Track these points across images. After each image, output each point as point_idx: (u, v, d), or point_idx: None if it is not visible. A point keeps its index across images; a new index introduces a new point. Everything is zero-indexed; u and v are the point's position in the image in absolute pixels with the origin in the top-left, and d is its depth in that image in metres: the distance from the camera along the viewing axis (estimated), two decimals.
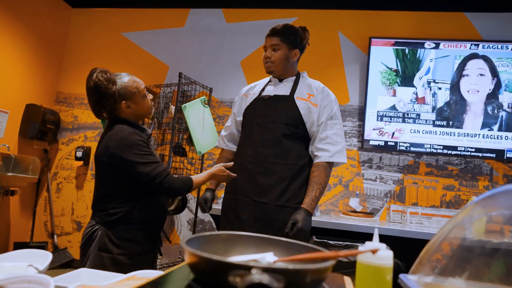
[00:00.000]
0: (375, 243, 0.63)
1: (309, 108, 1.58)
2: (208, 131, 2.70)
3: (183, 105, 2.59)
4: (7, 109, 3.12)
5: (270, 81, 1.75)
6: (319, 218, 2.57)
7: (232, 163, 1.55)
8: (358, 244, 2.08)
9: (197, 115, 2.66)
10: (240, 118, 1.72)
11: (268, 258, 0.56)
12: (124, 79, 1.37)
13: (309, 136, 1.60)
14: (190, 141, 2.77)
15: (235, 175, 1.53)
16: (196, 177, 1.41)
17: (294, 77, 1.70)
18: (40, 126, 3.28)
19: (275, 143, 1.54)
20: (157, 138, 3.25)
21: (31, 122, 3.27)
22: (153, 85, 3.19)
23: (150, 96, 1.46)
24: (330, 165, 1.57)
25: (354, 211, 2.78)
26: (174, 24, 3.59)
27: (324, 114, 1.59)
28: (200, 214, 3.20)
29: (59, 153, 3.59)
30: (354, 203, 2.84)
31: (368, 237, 2.31)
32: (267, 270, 0.42)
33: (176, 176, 1.34)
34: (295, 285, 0.44)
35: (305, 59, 3.31)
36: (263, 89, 1.71)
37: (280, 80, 1.69)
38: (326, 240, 2.09)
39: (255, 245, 0.64)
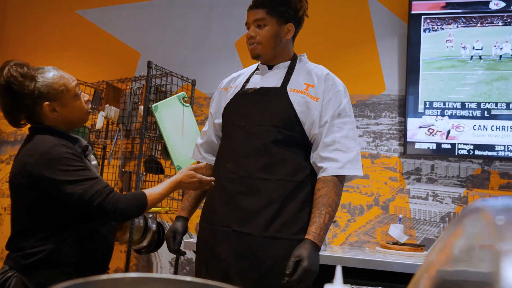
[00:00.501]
0: (337, 286, 0.59)
1: (307, 103, 1.56)
2: (190, 139, 2.69)
3: (153, 105, 2.60)
4: None
5: (257, 69, 1.74)
6: (346, 253, 2.51)
7: (202, 164, 1.58)
8: None
9: (173, 117, 2.67)
10: (219, 120, 1.71)
11: None
12: (48, 74, 1.39)
13: (309, 140, 1.59)
14: (165, 152, 2.78)
15: (212, 179, 1.52)
16: (153, 191, 1.41)
17: (289, 62, 1.69)
18: None
19: (263, 152, 1.53)
20: (125, 150, 3.27)
21: None
22: (118, 80, 3.22)
23: (85, 97, 1.48)
24: (341, 179, 1.54)
25: (397, 243, 2.71)
26: None
27: (329, 110, 1.57)
28: (189, 253, 3.18)
29: None
30: (396, 231, 2.76)
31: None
32: None
33: (123, 194, 1.36)
34: None
35: (324, 35, 3.30)
36: (247, 80, 1.71)
37: (270, 67, 1.68)
38: (351, 286, 2.04)
39: None
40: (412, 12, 2.99)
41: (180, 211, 1.71)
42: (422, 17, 2.98)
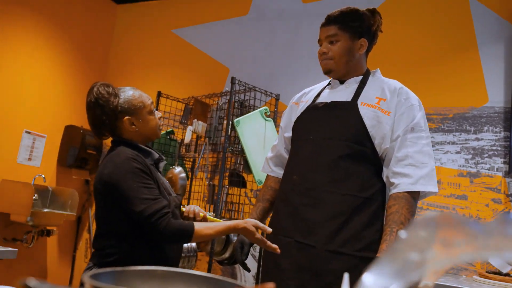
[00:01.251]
0: None
1: (378, 117, 1.61)
2: None
3: (235, 120, 2.79)
4: (44, 133, 3.79)
5: (329, 84, 1.83)
6: (437, 280, 2.43)
7: (270, 229, 1.56)
8: None
9: (255, 131, 2.84)
10: (289, 134, 1.82)
11: None
12: (128, 92, 1.62)
13: (379, 156, 1.62)
14: (247, 166, 2.95)
15: (276, 246, 1.50)
16: (203, 228, 1.49)
17: (361, 77, 1.75)
18: (80, 152, 3.87)
19: (331, 166, 1.59)
20: (211, 163, 3.52)
21: (69, 147, 3.89)
22: (205, 95, 3.49)
23: (158, 114, 1.69)
24: (414, 196, 1.55)
25: (499, 273, 2.56)
26: (235, 12, 3.90)
27: (402, 124, 1.60)
28: None
29: None
30: (497, 260, 2.61)
31: None
32: None
33: (176, 221, 1.48)
34: None
35: (418, 42, 3.24)
36: (318, 95, 1.80)
37: (342, 82, 1.76)
38: None
39: (194, 284, 0.74)
40: None
41: (251, 216, 1.81)
42: None
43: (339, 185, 1.57)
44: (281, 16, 3.72)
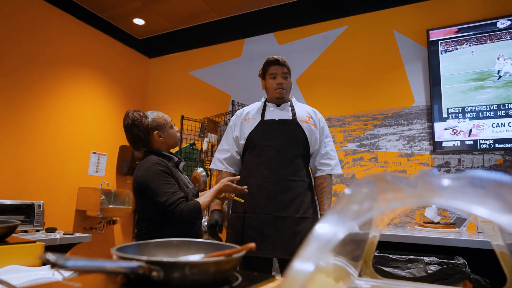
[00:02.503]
0: None
1: (311, 129, 1.77)
2: None
3: None
4: (105, 152, 3.79)
5: (265, 106, 1.84)
6: (391, 231, 2.41)
7: (238, 177, 1.61)
8: (424, 258, 1.89)
9: None
10: (243, 141, 1.79)
11: (193, 258, 0.64)
12: (154, 114, 1.61)
13: (309, 154, 1.80)
14: None
15: (245, 187, 1.56)
16: (203, 199, 1.49)
17: (289, 102, 1.85)
18: (131, 163, 3.86)
19: (290, 163, 1.69)
20: None
21: (124, 161, 3.88)
22: (214, 115, 3.48)
23: (176, 128, 1.67)
24: (332, 176, 1.84)
25: (432, 222, 2.53)
26: (232, 55, 3.91)
27: (323, 133, 1.84)
28: None
29: None
30: (430, 213, 2.58)
31: (447, 250, 2.07)
32: (150, 262, 0.52)
33: (187, 203, 1.44)
34: (197, 275, 0.53)
35: (363, 65, 3.24)
36: (263, 114, 1.80)
37: (278, 105, 1.83)
38: (386, 255, 1.96)
39: (201, 249, 0.72)
40: (430, 39, 2.82)
41: (215, 205, 1.79)
42: (439, 42, 2.79)
43: (296, 175, 1.70)
44: (264, 55, 3.72)
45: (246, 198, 1.66)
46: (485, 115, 2.58)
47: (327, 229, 0.45)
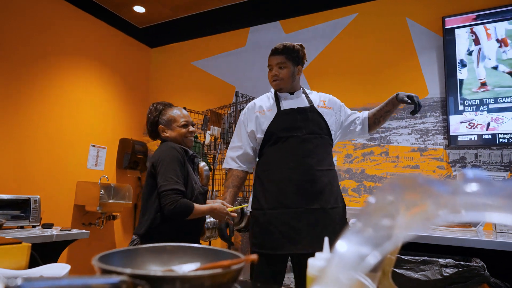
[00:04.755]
0: (325, 254, 0.58)
1: (329, 113, 1.78)
2: None
3: None
4: (104, 145, 3.72)
5: (277, 96, 1.80)
6: None
7: (231, 207, 1.63)
8: (440, 260, 1.79)
9: None
10: (261, 136, 1.73)
11: (186, 268, 0.55)
12: (171, 110, 1.67)
13: (332, 140, 1.77)
14: None
15: (235, 215, 1.60)
16: (199, 207, 1.47)
17: (301, 90, 1.83)
18: (132, 157, 3.79)
19: (315, 152, 1.66)
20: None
21: (124, 154, 3.81)
22: (218, 107, 3.40)
23: (191, 128, 1.64)
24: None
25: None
26: (236, 45, 3.80)
27: (342, 109, 1.89)
28: None
29: None
30: None
31: (463, 251, 1.97)
32: (135, 276, 0.43)
33: (183, 199, 1.42)
34: None
35: (374, 55, 3.12)
36: (278, 104, 1.76)
37: (291, 93, 1.80)
38: (399, 255, 1.87)
39: (198, 256, 0.64)
40: (446, 27, 2.68)
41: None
42: (455, 30, 2.66)
43: (322, 164, 1.66)
44: (270, 44, 3.58)
45: (271, 193, 1.63)
46: (504, 108, 2.45)
47: (352, 253, 0.35)
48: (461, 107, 2.58)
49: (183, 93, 4.08)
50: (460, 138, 2.56)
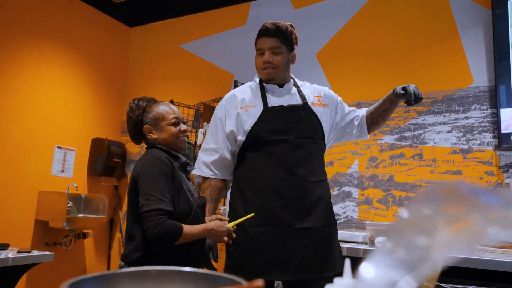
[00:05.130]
0: (346, 279, 0.58)
1: (324, 112, 1.80)
2: None
3: None
4: (73, 147, 3.73)
5: (262, 87, 1.78)
6: None
7: (228, 219, 1.65)
8: None
9: None
10: (243, 138, 1.72)
11: None
12: (158, 106, 1.66)
13: (325, 145, 1.81)
14: None
15: (233, 235, 1.62)
16: (190, 229, 1.47)
17: (292, 82, 1.83)
18: (107, 161, 3.80)
19: (307, 160, 1.69)
20: None
21: (97, 157, 3.82)
22: (212, 100, 3.40)
23: (183, 127, 1.65)
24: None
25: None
26: (234, 23, 3.79)
27: (338, 104, 1.92)
28: None
29: None
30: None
31: None
32: None
33: (170, 221, 1.42)
34: None
35: (404, 34, 3.10)
36: (264, 99, 1.74)
37: (281, 86, 1.79)
38: (437, 283, 1.85)
39: (190, 282, 0.63)
40: None
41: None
42: (509, 1, 2.63)
43: (315, 174, 1.70)
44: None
45: (256, 208, 1.63)
46: None
47: (380, 278, 0.33)
48: None
49: (170, 83, 4.08)
50: None
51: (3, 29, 3.23)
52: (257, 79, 1.82)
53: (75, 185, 3.52)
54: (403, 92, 1.73)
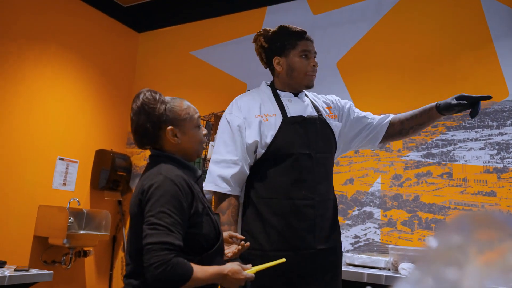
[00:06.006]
0: None
1: (337, 125, 1.82)
2: None
3: None
4: (76, 158, 3.77)
5: (276, 95, 1.78)
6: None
7: (249, 265, 1.42)
8: None
9: None
10: (263, 150, 1.67)
11: None
12: (176, 101, 1.47)
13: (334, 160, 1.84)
14: None
15: (253, 276, 1.39)
16: (201, 272, 1.27)
17: (304, 92, 1.86)
18: (111, 175, 3.83)
19: (326, 176, 1.73)
20: None
21: (101, 170, 3.85)
22: (224, 111, 3.40)
23: (204, 131, 1.51)
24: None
25: None
26: (249, 29, 3.82)
27: (347, 111, 1.89)
28: None
29: None
30: None
31: None
32: None
33: (179, 259, 1.24)
34: None
35: (432, 43, 3.08)
36: (282, 108, 1.74)
37: (296, 95, 1.81)
38: None
39: None
40: None
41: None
42: None
43: (331, 192, 1.76)
44: None
45: (277, 230, 1.62)
46: None
47: None
48: None
49: (179, 92, 4.09)
50: None
51: (6, 34, 3.31)
52: (264, 84, 1.84)
53: (77, 199, 3.55)
54: (458, 104, 1.61)
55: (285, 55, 1.76)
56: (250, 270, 1.40)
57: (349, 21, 3.38)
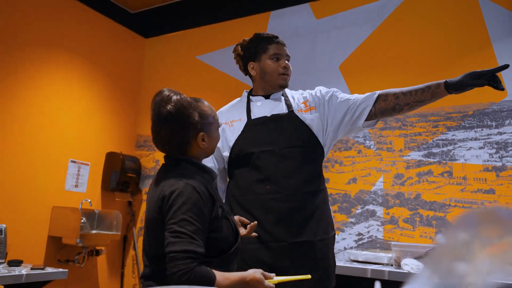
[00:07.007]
0: None
1: (314, 117, 1.76)
2: None
3: None
4: (87, 161, 3.80)
5: (249, 100, 1.85)
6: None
7: (273, 275, 1.40)
8: None
9: None
10: (227, 153, 1.78)
11: None
12: (202, 103, 1.42)
13: (322, 151, 1.78)
14: None
15: (273, 275, 1.38)
16: (223, 280, 1.25)
17: (280, 92, 1.86)
18: (121, 176, 3.86)
19: (298, 170, 1.69)
20: None
21: (111, 172, 3.89)
22: None
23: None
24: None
25: None
26: (253, 33, 3.84)
27: (327, 101, 1.80)
28: None
29: (144, 204, 4.13)
30: None
31: None
32: None
33: (202, 268, 1.21)
34: None
35: (433, 45, 3.10)
36: (248, 112, 1.79)
37: (267, 97, 1.83)
38: None
39: None
40: None
41: None
42: None
43: (310, 185, 1.69)
44: (296, 33, 3.64)
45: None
46: None
47: None
48: None
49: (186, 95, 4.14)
50: None
51: (17, 41, 3.35)
52: (246, 93, 1.91)
53: (89, 200, 3.58)
54: (471, 85, 1.56)
55: (258, 60, 1.85)
56: (272, 281, 1.36)
57: (351, 24, 3.40)
